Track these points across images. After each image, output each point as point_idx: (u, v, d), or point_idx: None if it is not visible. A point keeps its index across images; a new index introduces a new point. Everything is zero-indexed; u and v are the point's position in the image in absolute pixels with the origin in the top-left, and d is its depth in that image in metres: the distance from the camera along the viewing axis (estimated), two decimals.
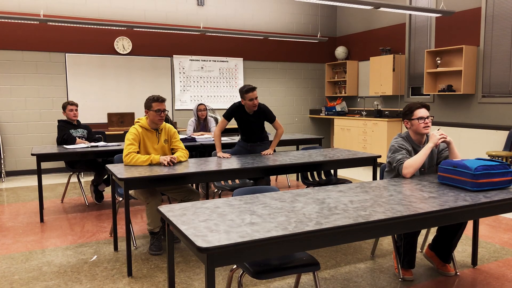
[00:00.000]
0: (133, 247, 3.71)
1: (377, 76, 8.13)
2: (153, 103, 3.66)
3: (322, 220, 1.93)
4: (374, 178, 4.13)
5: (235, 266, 2.31)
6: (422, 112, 2.99)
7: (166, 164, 3.51)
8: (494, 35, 6.27)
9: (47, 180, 6.84)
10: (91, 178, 6.61)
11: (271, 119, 4.45)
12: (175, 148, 3.85)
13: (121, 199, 3.81)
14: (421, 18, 7.50)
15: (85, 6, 7.44)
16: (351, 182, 3.12)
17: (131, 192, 3.64)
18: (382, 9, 5.83)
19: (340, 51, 9.29)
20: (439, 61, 6.92)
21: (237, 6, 8.66)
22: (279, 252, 1.80)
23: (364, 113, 8.63)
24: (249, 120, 4.44)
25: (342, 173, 7.11)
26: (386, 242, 3.76)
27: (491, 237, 3.93)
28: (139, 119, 3.78)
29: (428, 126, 2.99)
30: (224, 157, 4.06)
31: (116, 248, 3.65)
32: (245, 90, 4.23)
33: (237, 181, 4.48)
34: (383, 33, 8.36)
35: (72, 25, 6.98)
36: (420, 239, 3.71)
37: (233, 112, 4.40)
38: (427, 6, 7.25)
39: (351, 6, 5.85)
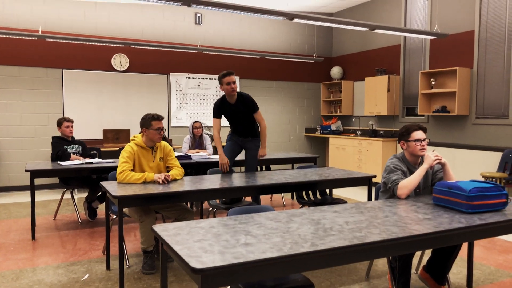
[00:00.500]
0: (126, 266, 3.66)
1: (372, 96, 8.20)
2: (153, 121, 3.66)
3: (317, 241, 1.92)
4: (370, 198, 4.13)
5: (229, 287, 2.28)
6: (419, 134, 3.02)
7: (160, 182, 3.49)
8: (487, 58, 6.37)
9: (40, 196, 6.78)
10: (85, 194, 6.56)
11: (253, 108, 4.39)
12: (171, 166, 3.84)
13: (114, 216, 3.78)
14: (415, 40, 7.62)
15: (83, 23, 7.50)
16: (346, 202, 3.12)
17: (125, 210, 3.61)
18: (377, 30, 5.92)
19: (336, 71, 9.39)
20: (433, 82, 7.00)
21: (234, 26, 8.76)
22: (274, 274, 1.78)
23: (359, 132, 8.67)
24: (235, 111, 4.37)
25: (337, 192, 7.10)
26: (381, 263, 3.73)
27: (486, 259, 3.92)
28: (134, 136, 3.77)
29: (424, 149, 3.02)
30: (225, 163, 4.19)
31: (108, 267, 3.60)
32: (222, 75, 4.21)
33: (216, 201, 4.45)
34: (378, 54, 8.47)
35: (70, 41, 7.03)
36: (415, 260, 3.69)
37: (218, 108, 4.36)
38: (421, 29, 7.37)
39: (347, 27, 5.94)
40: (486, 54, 6.39)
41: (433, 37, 6.66)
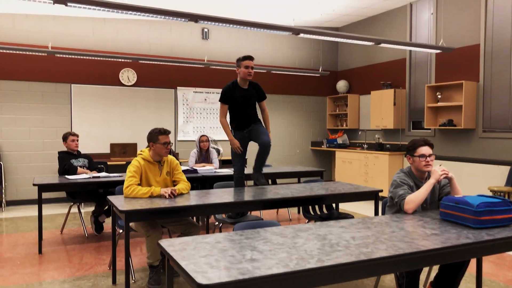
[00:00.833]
0: (132, 281, 3.65)
1: (378, 109, 8.20)
2: (160, 136, 3.69)
3: (323, 257, 1.92)
4: (376, 212, 4.11)
5: None
6: (424, 149, 3.01)
7: (167, 196, 3.50)
8: (494, 71, 6.36)
9: (47, 210, 6.81)
10: (92, 208, 6.58)
11: (264, 95, 4.40)
12: (177, 180, 3.85)
13: (121, 231, 3.78)
14: (421, 54, 7.64)
15: (92, 39, 7.61)
16: (353, 217, 3.11)
17: (131, 224, 3.62)
18: (382, 45, 5.96)
19: (342, 85, 9.41)
20: (439, 96, 6.99)
21: (240, 41, 8.84)
22: None
23: (365, 146, 8.65)
24: (246, 96, 4.27)
25: (343, 206, 7.06)
26: (388, 279, 3.69)
27: (495, 274, 3.87)
28: (141, 151, 3.80)
29: (429, 165, 3.01)
30: (238, 147, 4.17)
31: (114, 282, 3.59)
32: (243, 57, 4.19)
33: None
34: (384, 67, 8.49)
35: (79, 57, 7.13)
36: (423, 276, 3.65)
37: (228, 92, 4.25)
38: (427, 42, 7.40)
39: (353, 42, 5.98)
40: (492, 67, 6.38)
41: (438, 51, 6.67)
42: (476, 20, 6.59)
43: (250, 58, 4.21)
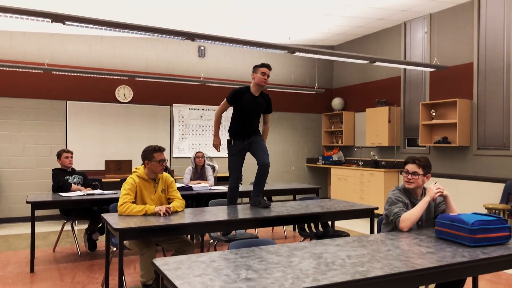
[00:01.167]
0: None
1: (373, 127, 8.25)
2: (155, 153, 3.68)
3: (319, 277, 1.90)
4: (372, 230, 4.09)
5: None
6: (408, 166, 3.06)
7: (161, 214, 3.48)
8: (487, 89, 6.43)
9: (40, 227, 6.73)
10: (85, 226, 6.52)
11: (271, 108, 4.30)
12: (172, 197, 3.83)
13: (115, 249, 3.74)
14: (415, 72, 7.72)
15: (89, 56, 7.65)
16: (348, 235, 3.10)
17: (125, 242, 3.58)
18: (377, 63, 6.03)
19: (337, 102, 9.48)
20: (434, 114, 7.05)
21: (236, 58, 8.92)
22: None
23: (360, 163, 8.67)
24: (255, 104, 4.14)
25: (339, 224, 7.03)
26: None
27: None
28: (136, 168, 3.78)
29: (411, 182, 3.02)
30: (218, 145, 4.12)
31: None
32: (261, 64, 4.08)
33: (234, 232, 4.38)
34: (378, 85, 8.57)
35: (75, 74, 7.15)
36: None
37: (236, 95, 4.07)
38: (421, 61, 7.49)
39: (348, 60, 6.05)
40: (485, 85, 6.46)
41: (432, 69, 6.75)
42: (469, 39, 6.69)
43: (268, 67, 4.12)
